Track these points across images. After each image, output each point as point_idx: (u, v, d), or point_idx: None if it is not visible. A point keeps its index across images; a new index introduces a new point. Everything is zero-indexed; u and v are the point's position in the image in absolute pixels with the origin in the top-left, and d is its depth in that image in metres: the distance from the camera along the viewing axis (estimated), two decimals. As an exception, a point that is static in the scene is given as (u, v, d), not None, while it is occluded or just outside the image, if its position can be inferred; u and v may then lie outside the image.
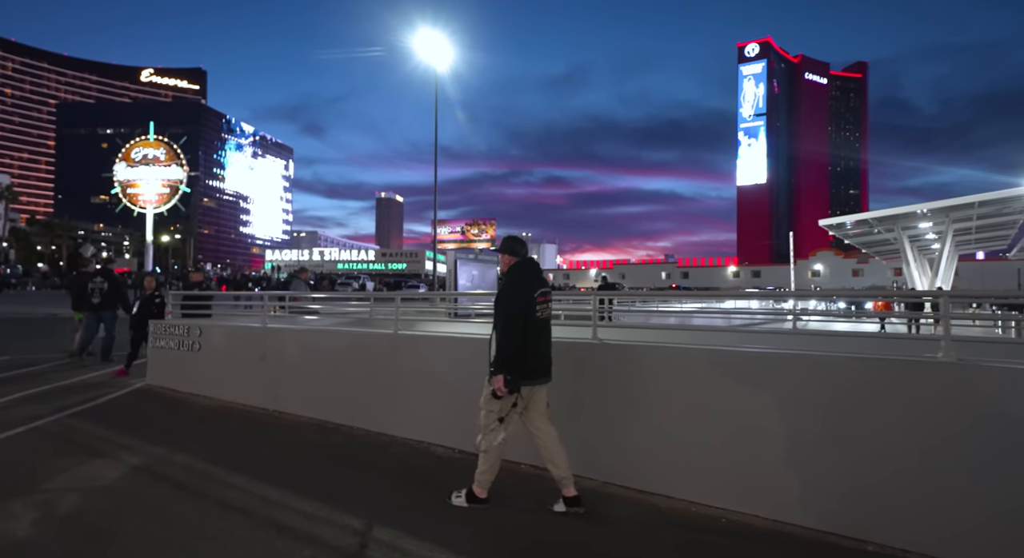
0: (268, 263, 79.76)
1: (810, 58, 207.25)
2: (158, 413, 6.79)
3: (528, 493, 4.24)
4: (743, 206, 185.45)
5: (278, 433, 5.91)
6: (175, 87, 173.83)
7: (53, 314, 19.70)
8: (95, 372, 9.20)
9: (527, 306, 3.87)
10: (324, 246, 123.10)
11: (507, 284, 4.04)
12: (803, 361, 3.81)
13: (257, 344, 7.08)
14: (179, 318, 8.42)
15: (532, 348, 3.90)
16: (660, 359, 4.34)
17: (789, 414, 3.76)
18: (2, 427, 5.82)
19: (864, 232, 29.89)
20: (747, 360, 4.02)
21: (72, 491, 4.19)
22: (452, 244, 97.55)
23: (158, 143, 65.48)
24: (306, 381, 6.53)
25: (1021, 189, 23.29)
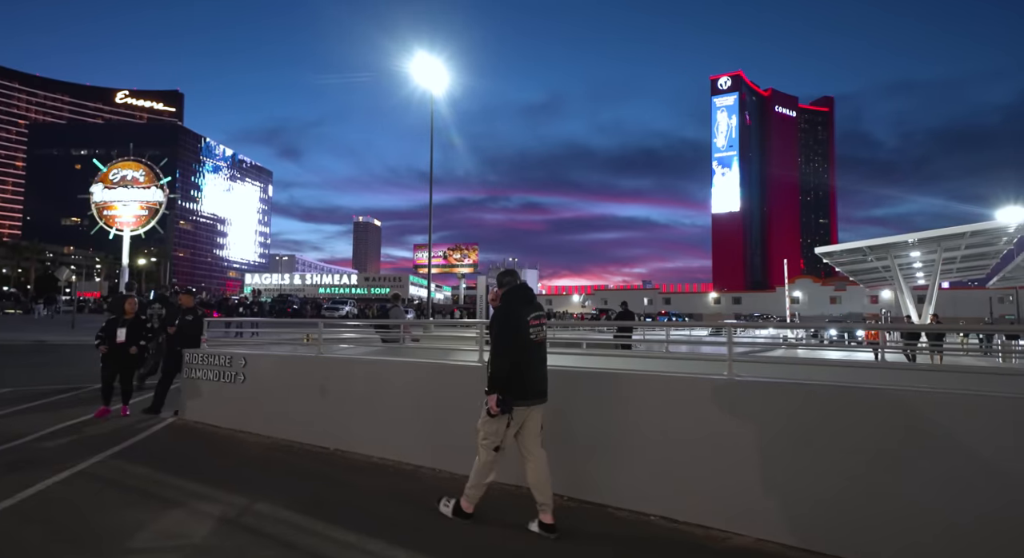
0: (247, 287, 78.14)
1: (780, 92, 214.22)
2: (209, 453, 6.25)
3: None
4: (718, 234, 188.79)
5: (354, 476, 5.44)
6: (151, 109, 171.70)
7: (41, 341, 18.68)
8: (117, 405, 8.57)
9: (519, 329, 4.07)
10: (302, 270, 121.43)
11: (501, 309, 4.24)
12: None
13: (314, 376, 6.60)
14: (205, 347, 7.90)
15: (526, 370, 4.07)
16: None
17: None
18: (45, 470, 5.26)
19: (856, 260, 30.33)
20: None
21: (169, 553, 3.70)
22: (434, 269, 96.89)
23: (138, 164, 64.08)
24: (376, 418, 6.04)
25: (1013, 220, 23.88)
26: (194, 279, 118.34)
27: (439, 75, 29.90)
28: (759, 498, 4.02)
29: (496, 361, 4.01)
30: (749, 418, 4.15)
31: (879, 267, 33.58)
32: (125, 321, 8.00)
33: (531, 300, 4.29)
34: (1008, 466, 3.37)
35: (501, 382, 3.96)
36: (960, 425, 3.55)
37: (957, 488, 3.47)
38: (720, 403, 4.26)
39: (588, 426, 4.75)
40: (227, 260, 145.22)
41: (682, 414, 4.40)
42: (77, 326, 26.15)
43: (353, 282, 77.35)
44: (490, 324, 4.29)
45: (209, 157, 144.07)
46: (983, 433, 3.49)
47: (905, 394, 3.77)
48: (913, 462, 3.62)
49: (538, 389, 4.18)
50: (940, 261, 26.66)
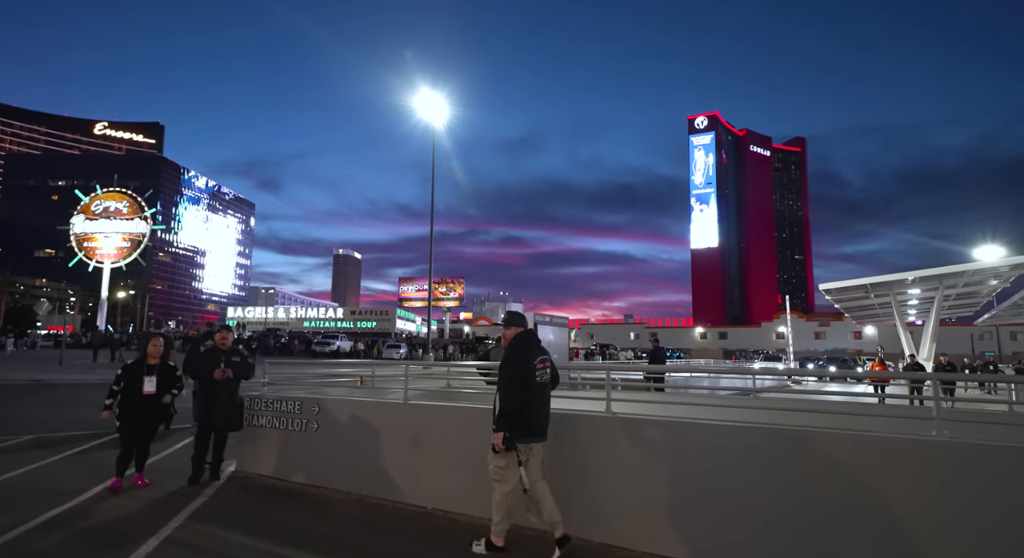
0: (230, 321, 76.24)
1: (754, 132, 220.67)
2: (298, 514, 5.65)
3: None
4: (697, 268, 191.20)
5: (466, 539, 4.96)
6: (130, 140, 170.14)
7: (37, 380, 17.65)
8: (154, 455, 7.92)
9: (527, 372, 4.40)
10: (281, 303, 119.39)
11: (510, 352, 4.59)
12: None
13: (404, 424, 6.11)
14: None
15: (531, 409, 4.40)
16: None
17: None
18: (123, 542, 4.69)
19: (858, 297, 30.61)
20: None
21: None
22: (419, 302, 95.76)
23: (121, 196, 63.02)
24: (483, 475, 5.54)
25: (1014, 259, 24.33)
26: (171, 312, 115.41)
27: (440, 109, 30.01)
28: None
29: (505, 400, 4.33)
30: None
31: (875, 304, 33.98)
32: (151, 367, 6.42)
33: (537, 344, 4.70)
34: None
35: (509, 420, 4.30)
36: None
37: None
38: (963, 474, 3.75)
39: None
40: (205, 293, 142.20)
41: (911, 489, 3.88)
42: (65, 363, 24.97)
43: (338, 316, 75.89)
44: (501, 366, 4.54)
45: (189, 188, 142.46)
46: None
47: None
48: None
49: (541, 428, 4.53)
50: (940, 299, 26.98)
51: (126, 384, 6.25)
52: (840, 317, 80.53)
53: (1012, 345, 67.92)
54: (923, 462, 3.83)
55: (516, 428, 4.29)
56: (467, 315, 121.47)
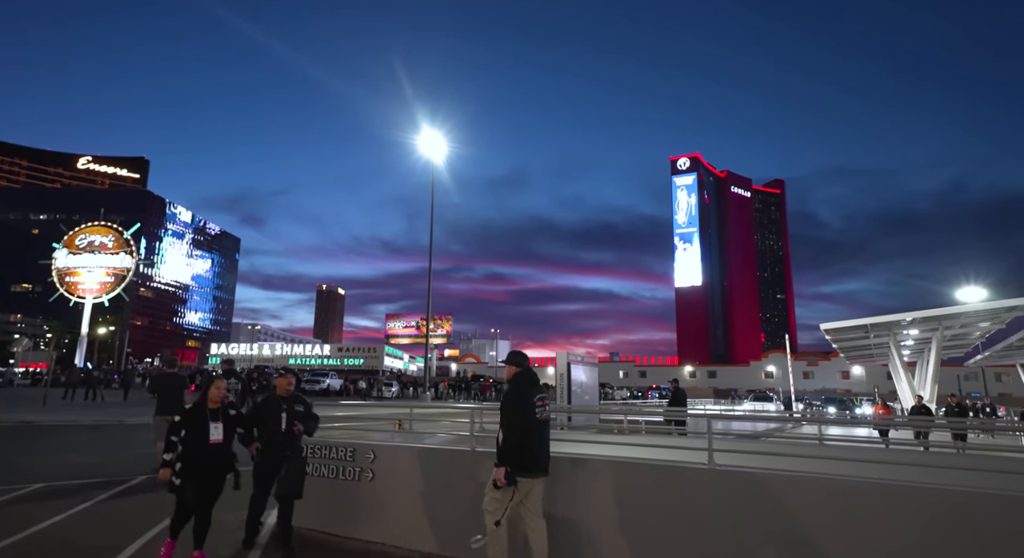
0: (213, 357, 74.47)
1: (734, 173, 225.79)
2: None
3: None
4: (681, 307, 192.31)
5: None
6: (114, 175, 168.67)
7: (27, 421, 16.74)
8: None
9: (527, 409, 4.56)
10: (264, 339, 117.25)
11: (511, 390, 4.75)
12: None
13: (476, 474, 5.64)
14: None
15: (531, 446, 4.55)
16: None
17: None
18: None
19: (857, 337, 30.74)
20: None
21: None
22: (406, 339, 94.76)
23: (107, 230, 62.00)
24: (579, 534, 4.99)
25: (1011, 301, 24.65)
26: (150, 349, 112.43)
27: (439, 146, 30.17)
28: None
29: (507, 436, 4.47)
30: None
31: (871, 344, 34.16)
32: (214, 411, 5.40)
33: (537, 382, 4.89)
34: None
35: (511, 456, 4.44)
36: None
37: None
38: None
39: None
40: (186, 328, 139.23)
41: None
42: (49, 402, 23.89)
43: (325, 352, 74.47)
44: (502, 404, 4.67)
45: (173, 223, 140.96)
46: None
47: None
48: None
49: (543, 464, 4.67)
50: (940, 339, 27.15)
51: (188, 433, 5.19)
52: (827, 356, 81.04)
53: (997, 386, 68.68)
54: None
55: (518, 463, 4.45)
56: (453, 352, 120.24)
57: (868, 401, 45.71)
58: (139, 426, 16.94)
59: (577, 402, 10.21)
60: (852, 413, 36.16)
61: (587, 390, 10.73)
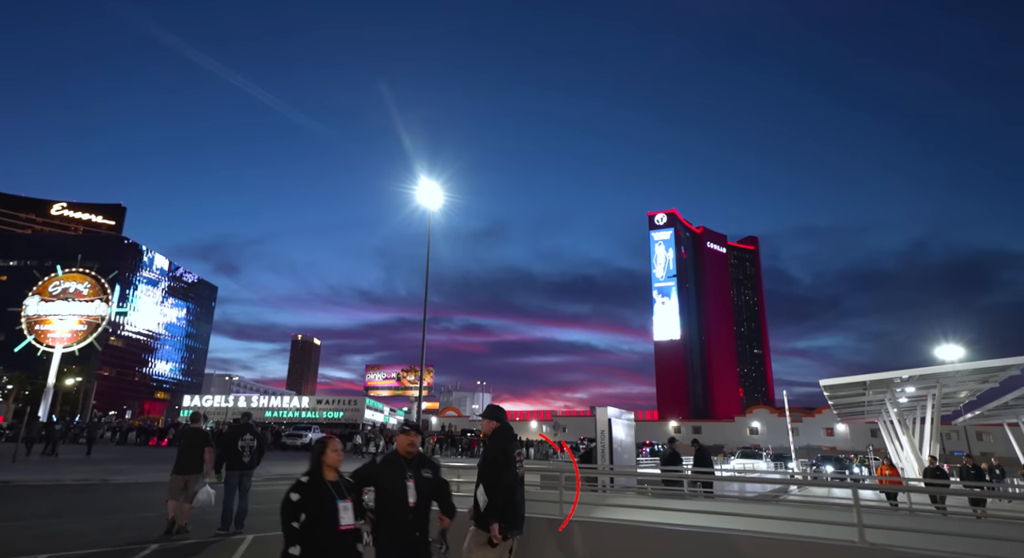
0: (185, 410, 71.36)
1: (710, 230, 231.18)
2: None
3: None
4: (661, 361, 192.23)
5: None
6: (88, 221, 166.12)
7: (3, 481, 15.51)
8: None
9: (510, 464, 4.53)
10: (237, 391, 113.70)
11: (492, 446, 4.71)
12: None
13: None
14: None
15: (515, 502, 4.57)
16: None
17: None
18: None
19: (854, 393, 30.72)
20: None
21: None
22: (386, 391, 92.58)
23: (83, 276, 60.41)
24: None
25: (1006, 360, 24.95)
26: (118, 400, 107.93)
27: (435, 195, 30.28)
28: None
29: (494, 493, 4.41)
30: None
31: (865, 402, 34.20)
32: (336, 485, 4.17)
33: (515, 437, 4.90)
34: None
35: (500, 512, 4.39)
36: None
37: None
38: None
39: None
40: (156, 379, 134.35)
41: None
42: (19, 460, 22.40)
43: (303, 405, 72.04)
44: (483, 459, 4.62)
45: (147, 270, 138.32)
46: None
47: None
48: None
49: (519, 521, 4.65)
50: (939, 396, 27.23)
51: (310, 517, 3.93)
52: (811, 413, 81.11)
53: (979, 445, 69.12)
54: None
55: (505, 519, 4.41)
56: (432, 405, 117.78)
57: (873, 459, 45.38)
58: (130, 485, 15.98)
59: (617, 461, 9.75)
60: (851, 472, 35.77)
61: (626, 449, 10.31)
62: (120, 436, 46.10)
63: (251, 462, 9.51)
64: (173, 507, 9.07)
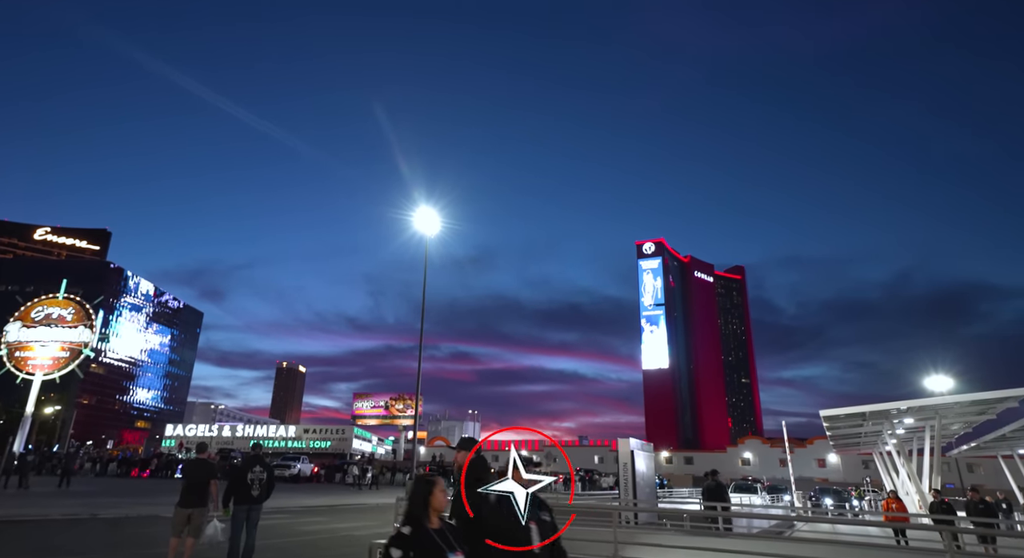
0: (168, 440, 69.52)
1: (697, 259, 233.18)
2: None
3: None
4: (649, 390, 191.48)
5: None
6: (72, 246, 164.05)
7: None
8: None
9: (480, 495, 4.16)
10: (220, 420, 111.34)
11: (471, 478, 4.38)
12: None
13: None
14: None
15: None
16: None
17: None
18: None
19: (852, 424, 30.61)
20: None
21: None
22: (374, 420, 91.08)
23: (67, 302, 59.21)
24: None
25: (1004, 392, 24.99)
26: (96, 430, 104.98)
27: (432, 221, 30.26)
28: None
29: (469, 528, 3.97)
30: None
31: (862, 433, 34.11)
32: (441, 532, 3.43)
33: (488, 469, 4.65)
34: None
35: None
36: None
37: None
38: None
39: None
40: (136, 407, 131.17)
41: None
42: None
43: (290, 434, 70.46)
44: (455, 493, 4.38)
45: (131, 295, 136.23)
46: None
47: None
48: None
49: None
50: (939, 428, 27.18)
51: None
52: (803, 444, 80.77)
53: (970, 477, 68.94)
54: None
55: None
56: (420, 434, 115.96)
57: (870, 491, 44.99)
58: (122, 520, 15.43)
59: (640, 495, 9.45)
60: (851, 505, 35.41)
61: (647, 481, 10.01)
62: (101, 467, 44.67)
63: (260, 496, 9.07)
64: (175, 545, 8.62)
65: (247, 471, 9.14)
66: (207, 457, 9.57)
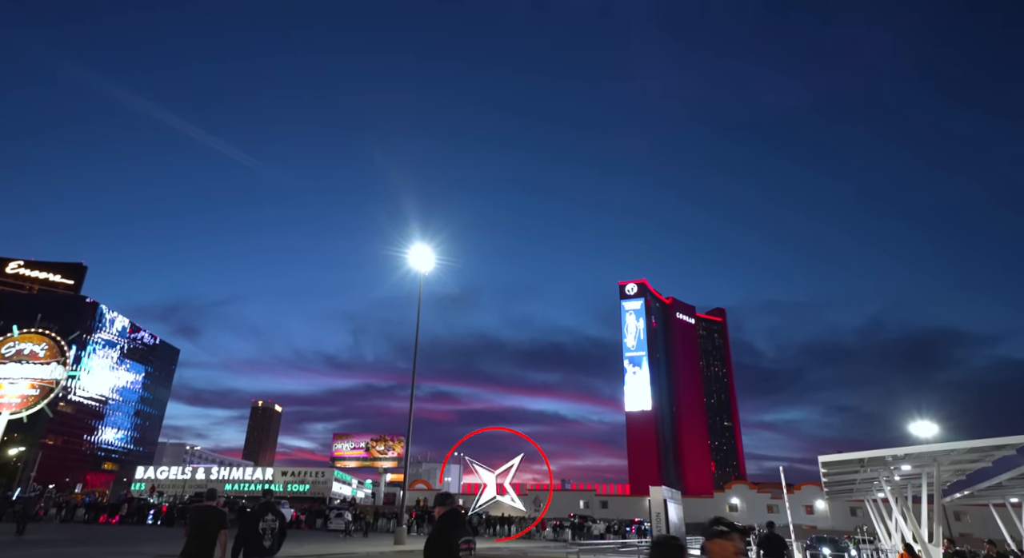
0: (138, 483, 66.38)
1: (679, 300, 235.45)
2: None
3: None
4: (632, 432, 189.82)
5: None
6: (46, 280, 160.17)
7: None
8: None
9: (452, 551, 4.49)
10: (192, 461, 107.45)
11: (437, 531, 4.74)
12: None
13: None
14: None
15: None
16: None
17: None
18: None
19: (850, 470, 30.25)
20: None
21: None
22: (353, 462, 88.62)
23: (41, 337, 57.43)
24: None
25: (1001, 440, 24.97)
26: (61, 472, 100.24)
27: (426, 258, 30.11)
28: None
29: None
30: None
31: (857, 480, 33.76)
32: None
33: (463, 525, 4.84)
34: None
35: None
36: None
37: None
38: None
39: None
40: (103, 448, 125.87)
41: None
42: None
43: (267, 477, 67.76)
44: (426, 545, 4.62)
45: (104, 331, 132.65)
46: None
47: None
48: None
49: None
50: (939, 475, 26.94)
51: None
52: (791, 489, 79.92)
53: (957, 526, 68.57)
54: None
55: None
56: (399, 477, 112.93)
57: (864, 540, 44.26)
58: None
59: None
60: (851, 556, 34.72)
61: (677, 531, 9.54)
62: (67, 513, 42.44)
63: (272, 547, 8.48)
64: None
65: (259, 520, 8.54)
66: (216, 504, 8.95)
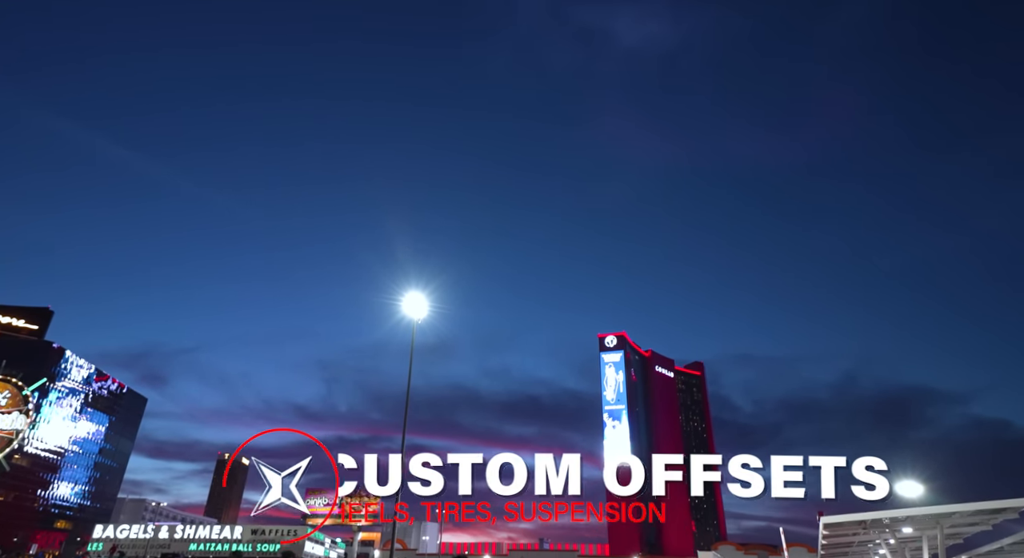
0: (95, 543, 61.97)
1: (658, 354, 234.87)
2: None
3: None
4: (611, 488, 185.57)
5: None
6: (9, 325, 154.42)
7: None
8: None
9: None
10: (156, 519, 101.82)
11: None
12: None
13: None
14: None
15: None
16: None
17: None
18: None
19: (850, 532, 29.75)
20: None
21: None
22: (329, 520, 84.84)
23: (4, 384, 54.88)
24: None
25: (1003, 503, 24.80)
26: (10, 531, 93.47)
27: (420, 305, 29.67)
28: None
29: None
30: None
31: (855, 542, 33.27)
32: None
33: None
34: None
35: None
36: None
37: None
38: None
39: None
40: (57, 505, 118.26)
41: None
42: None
43: (236, 536, 64.04)
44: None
45: (65, 379, 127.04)
46: None
47: None
48: None
49: None
50: (942, 537, 26.56)
51: None
52: (776, 550, 78.10)
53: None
54: None
55: None
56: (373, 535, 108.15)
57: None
58: None
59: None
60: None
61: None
62: (18, 577, 39.34)
63: None
64: None
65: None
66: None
